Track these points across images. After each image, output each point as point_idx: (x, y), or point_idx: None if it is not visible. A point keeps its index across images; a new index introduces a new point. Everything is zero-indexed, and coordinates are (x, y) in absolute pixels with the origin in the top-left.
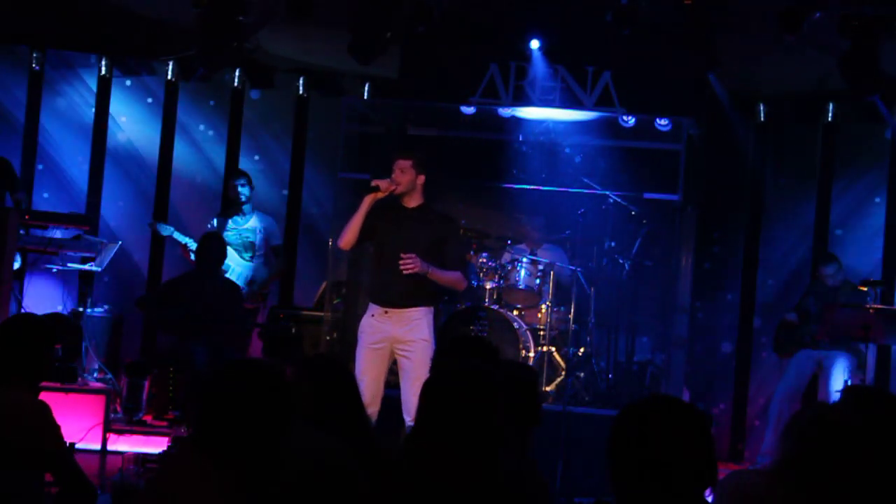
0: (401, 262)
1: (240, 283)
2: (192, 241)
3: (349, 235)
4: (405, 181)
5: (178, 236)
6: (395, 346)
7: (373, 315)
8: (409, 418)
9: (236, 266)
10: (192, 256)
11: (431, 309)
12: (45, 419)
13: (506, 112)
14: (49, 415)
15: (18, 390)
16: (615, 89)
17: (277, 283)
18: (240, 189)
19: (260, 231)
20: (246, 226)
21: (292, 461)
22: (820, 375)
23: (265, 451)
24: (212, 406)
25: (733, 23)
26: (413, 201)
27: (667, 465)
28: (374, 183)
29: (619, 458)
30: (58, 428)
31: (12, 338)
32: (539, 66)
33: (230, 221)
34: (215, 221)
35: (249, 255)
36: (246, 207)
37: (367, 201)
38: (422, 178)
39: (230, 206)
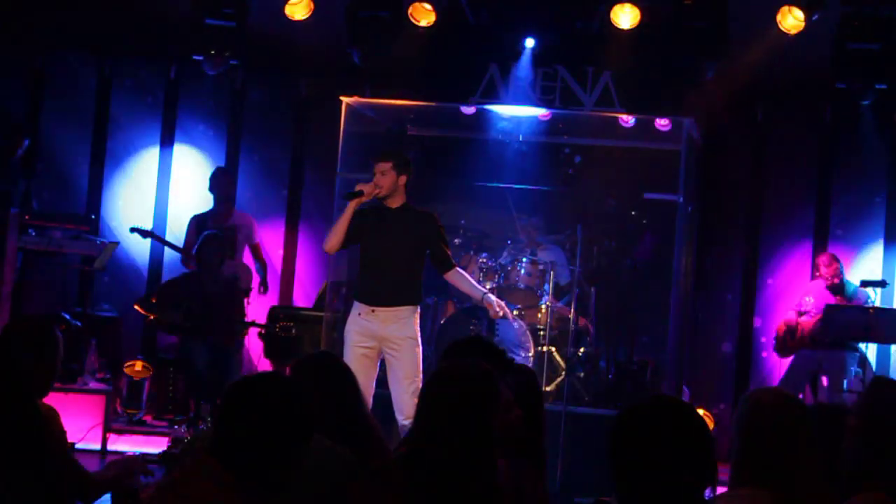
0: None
1: None
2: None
3: (334, 240)
4: (387, 184)
5: (142, 236)
6: (384, 345)
7: (359, 314)
8: (401, 417)
9: None
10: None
11: (418, 307)
12: (53, 424)
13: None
14: (57, 420)
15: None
16: (615, 89)
17: (277, 283)
18: (218, 186)
19: (238, 229)
20: (225, 224)
21: (309, 473)
22: (820, 375)
23: (285, 466)
24: (234, 419)
25: (733, 22)
26: (396, 202)
27: (667, 464)
28: (357, 188)
29: (620, 457)
30: (64, 433)
31: (18, 341)
32: (530, 66)
33: (209, 220)
34: (193, 220)
35: (230, 252)
36: (225, 205)
37: (351, 207)
38: (403, 179)
39: (216, 203)
